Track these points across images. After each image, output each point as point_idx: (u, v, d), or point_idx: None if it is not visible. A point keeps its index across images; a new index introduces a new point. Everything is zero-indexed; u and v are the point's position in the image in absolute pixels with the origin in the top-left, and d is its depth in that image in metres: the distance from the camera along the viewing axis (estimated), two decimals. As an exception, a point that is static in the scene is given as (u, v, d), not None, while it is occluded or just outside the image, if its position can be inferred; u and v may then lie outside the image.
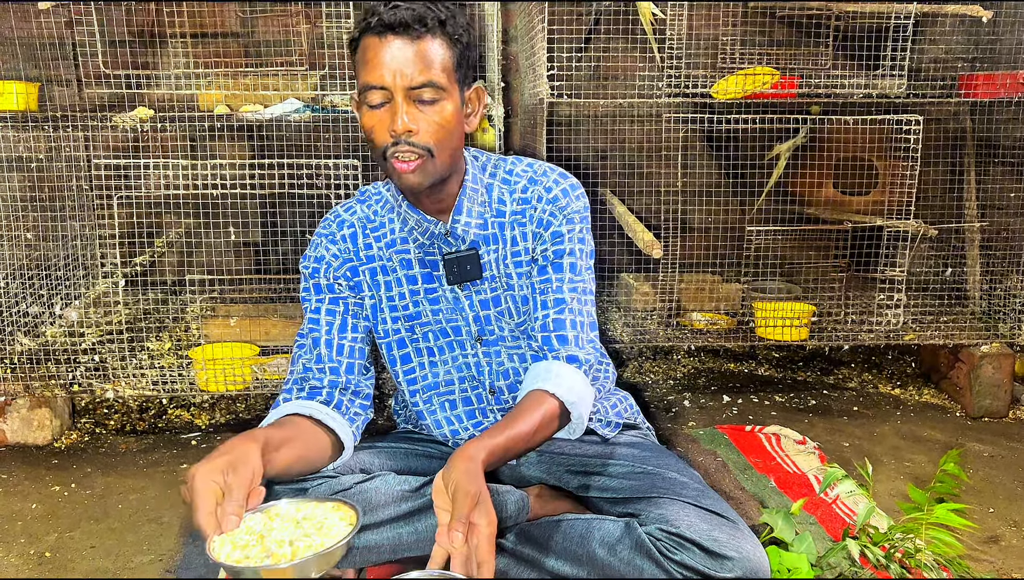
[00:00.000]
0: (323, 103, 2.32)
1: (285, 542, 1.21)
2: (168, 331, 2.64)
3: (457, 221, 1.54)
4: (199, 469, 1.22)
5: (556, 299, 1.54)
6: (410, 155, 1.40)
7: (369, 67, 1.39)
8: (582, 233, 1.58)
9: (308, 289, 1.61)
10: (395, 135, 1.39)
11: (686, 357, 3.04)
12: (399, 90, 1.38)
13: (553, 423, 1.45)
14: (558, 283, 1.55)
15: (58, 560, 1.76)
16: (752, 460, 2.18)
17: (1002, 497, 2.05)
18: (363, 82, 1.40)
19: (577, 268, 1.57)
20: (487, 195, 1.57)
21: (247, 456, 1.27)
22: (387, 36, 1.38)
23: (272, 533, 1.23)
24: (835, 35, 2.84)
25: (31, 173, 2.53)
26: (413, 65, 1.38)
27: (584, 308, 1.57)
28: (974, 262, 2.76)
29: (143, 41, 2.82)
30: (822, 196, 2.88)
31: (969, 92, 2.61)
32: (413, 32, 1.38)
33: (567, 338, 1.53)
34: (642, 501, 1.50)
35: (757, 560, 1.37)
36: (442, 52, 1.40)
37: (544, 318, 1.54)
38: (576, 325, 1.54)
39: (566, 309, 1.54)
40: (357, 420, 1.57)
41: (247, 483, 1.23)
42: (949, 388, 2.70)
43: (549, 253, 1.56)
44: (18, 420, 2.30)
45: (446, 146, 1.43)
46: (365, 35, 1.40)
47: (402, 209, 1.55)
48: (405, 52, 1.38)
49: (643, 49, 2.85)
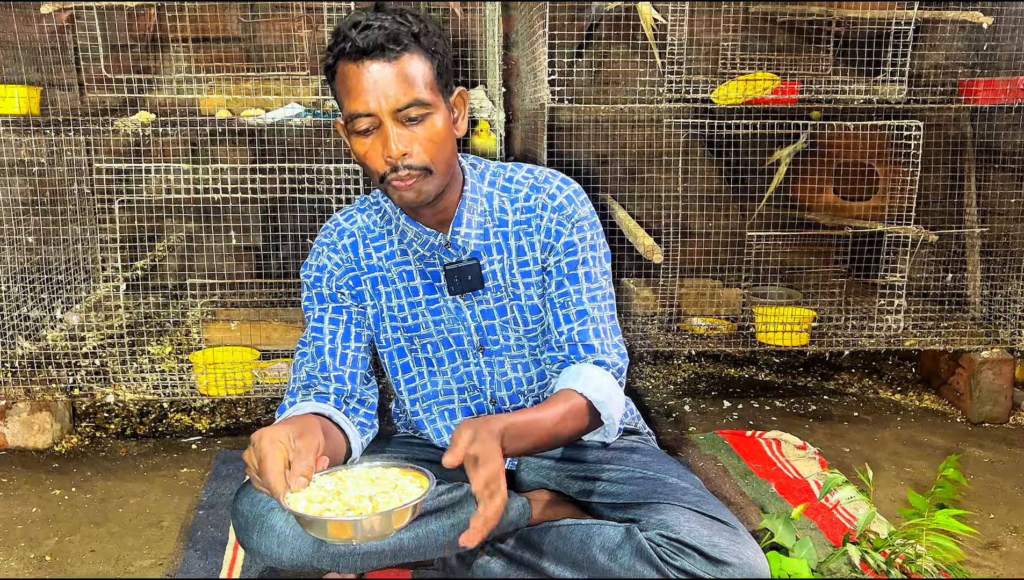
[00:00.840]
0: (324, 107, 2.32)
1: (365, 497, 1.20)
2: (169, 335, 2.64)
3: (457, 232, 1.53)
4: (265, 432, 1.22)
5: (578, 312, 1.53)
6: (409, 178, 1.39)
7: (352, 96, 1.37)
8: (593, 239, 1.56)
9: (311, 298, 1.60)
10: (391, 161, 1.37)
11: (686, 362, 3.04)
12: (386, 114, 1.36)
13: (579, 420, 1.43)
14: (576, 295, 1.54)
15: (58, 564, 1.76)
16: (752, 465, 2.18)
17: (1002, 503, 2.05)
18: (349, 111, 1.38)
19: (592, 276, 1.55)
20: (487, 204, 1.56)
21: (312, 426, 1.29)
22: (364, 61, 1.35)
23: (348, 491, 1.22)
24: (836, 41, 2.84)
25: (33, 177, 2.53)
26: (396, 87, 1.35)
27: (605, 314, 1.56)
28: (974, 268, 2.76)
29: (145, 45, 2.83)
30: (822, 201, 2.88)
31: (969, 98, 2.62)
32: (390, 53, 1.35)
33: (593, 347, 1.52)
34: (643, 507, 1.49)
35: (758, 566, 1.36)
36: (422, 67, 1.38)
37: (568, 332, 1.53)
38: (600, 333, 1.53)
39: (588, 319, 1.53)
40: (367, 432, 1.57)
41: (314, 448, 1.24)
42: (949, 394, 2.70)
43: (563, 265, 1.54)
44: (19, 424, 2.30)
45: (441, 160, 1.42)
46: (340, 61, 1.38)
47: (400, 222, 1.54)
48: (385, 75, 1.35)
49: (644, 54, 2.86)
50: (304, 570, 1.47)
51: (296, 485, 1.18)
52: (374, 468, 1.30)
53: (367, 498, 1.20)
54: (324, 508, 1.18)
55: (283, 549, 1.41)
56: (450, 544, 1.48)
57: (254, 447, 1.21)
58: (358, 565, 1.47)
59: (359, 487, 1.24)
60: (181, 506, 1.99)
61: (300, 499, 1.18)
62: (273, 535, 1.41)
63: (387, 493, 1.22)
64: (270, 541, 1.41)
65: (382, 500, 1.20)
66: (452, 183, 1.50)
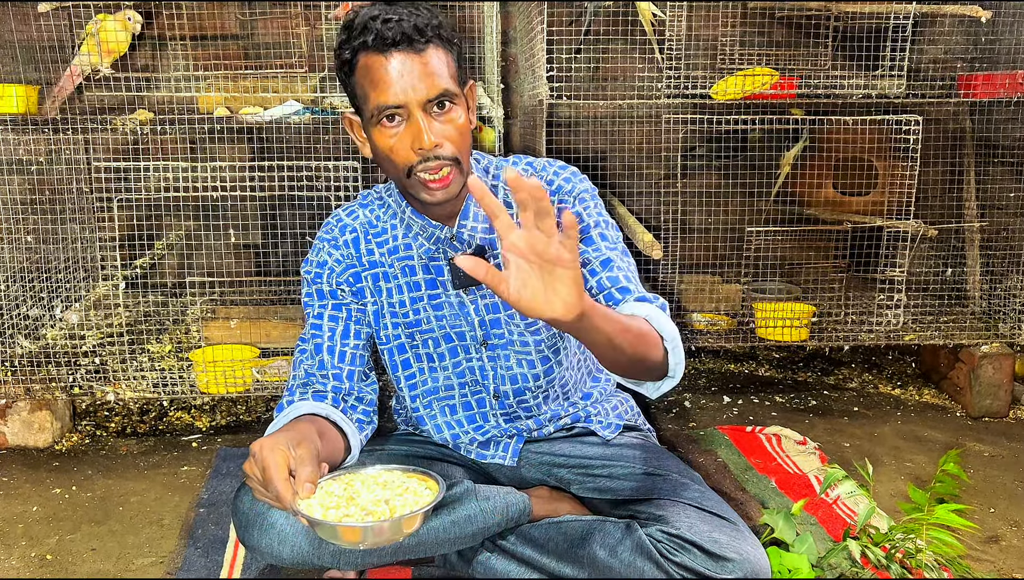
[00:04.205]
0: (323, 105, 2.32)
1: (381, 501, 1.20)
2: (168, 333, 2.64)
3: (464, 225, 1.53)
4: (264, 442, 1.21)
5: (603, 261, 1.48)
6: (443, 170, 1.38)
7: (380, 88, 1.36)
8: (598, 208, 1.55)
9: (311, 294, 1.59)
10: (422, 152, 1.37)
11: (686, 358, 3.04)
12: (416, 106, 1.35)
13: (647, 337, 1.30)
14: (596, 252, 1.50)
15: (59, 563, 1.76)
16: (753, 461, 2.18)
17: (1003, 497, 2.05)
18: (377, 104, 1.37)
19: (608, 237, 1.52)
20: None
21: (308, 434, 1.29)
22: (391, 52, 1.35)
23: (361, 495, 1.22)
24: (834, 35, 2.84)
25: (31, 176, 2.53)
26: (425, 78, 1.35)
27: (631, 266, 1.51)
28: (974, 262, 2.76)
29: (143, 44, 2.82)
30: (822, 197, 2.88)
31: (968, 92, 2.61)
32: (417, 44, 1.35)
33: (628, 289, 1.46)
34: (643, 503, 1.50)
35: (758, 562, 1.37)
36: (445, 59, 1.39)
37: (598, 282, 1.47)
38: (630, 278, 1.48)
39: (615, 266, 1.48)
40: (366, 429, 1.57)
41: (315, 455, 1.23)
42: (949, 388, 2.70)
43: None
44: (19, 423, 2.30)
45: (466, 152, 1.43)
46: (363, 53, 1.37)
47: (406, 215, 1.54)
48: (413, 66, 1.35)
49: (643, 50, 2.85)
50: (305, 567, 1.47)
51: (304, 492, 1.18)
52: (380, 472, 1.31)
53: (383, 502, 1.21)
54: (343, 514, 1.17)
55: (284, 547, 1.41)
56: (451, 541, 1.48)
57: (255, 458, 1.21)
58: (359, 563, 1.47)
59: (372, 491, 1.24)
60: (182, 504, 1.99)
61: (314, 505, 1.18)
62: (274, 533, 1.41)
63: (402, 496, 1.22)
64: (271, 539, 1.41)
65: (399, 503, 1.20)
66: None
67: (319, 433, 1.37)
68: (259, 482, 1.20)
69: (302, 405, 1.50)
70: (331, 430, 1.45)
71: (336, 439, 1.45)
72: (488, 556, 1.51)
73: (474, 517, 1.47)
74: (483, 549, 1.52)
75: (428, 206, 1.48)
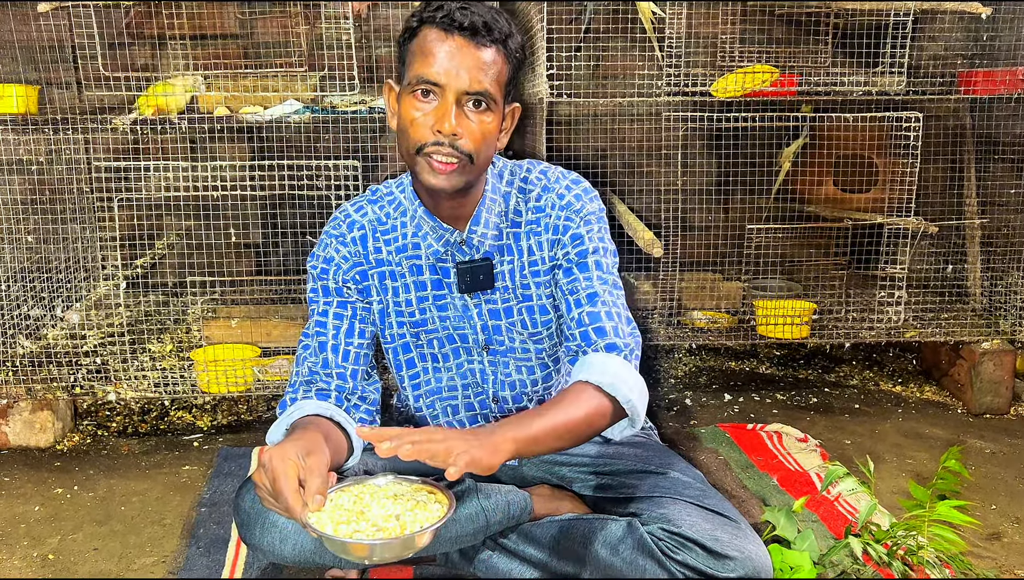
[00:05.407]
0: (323, 104, 2.32)
1: (392, 516, 1.20)
2: (169, 333, 2.64)
3: (474, 231, 1.52)
4: (274, 452, 1.20)
5: (589, 295, 1.51)
6: (451, 157, 1.38)
7: (428, 60, 1.36)
8: (601, 233, 1.56)
9: (316, 290, 1.58)
10: (439, 135, 1.36)
11: (687, 356, 3.04)
12: (453, 91, 1.36)
13: (593, 408, 1.38)
14: (587, 281, 1.52)
15: (61, 562, 1.76)
16: (754, 458, 2.18)
17: (1004, 494, 2.05)
18: (416, 73, 1.37)
19: (603, 265, 1.54)
20: (504, 204, 1.55)
21: (318, 443, 1.28)
22: (453, 34, 1.35)
23: (371, 509, 1.22)
24: (834, 33, 2.84)
25: (31, 176, 2.53)
26: (474, 71, 1.35)
27: (617, 301, 1.53)
28: (975, 259, 2.76)
29: (142, 43, 2.82)
30: (822, 194, 2.88)
31: (968, 89, 2.61)
32: (480, 38, 1.35)
33: (605, 330, 1.48)
34: (644, 501, 1.50)
35: (759, 560, 1.37)
36: (500, 65, 1.38)
37: (579, 314, 1.50)
38: (612, 316, 1.50)
39: (599, 301, 1.50)
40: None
41: (325, 466, 1.23)
42: (950, 385, 2.70)
43: (572, 255, 1.53)
44: (20, 423, 2.30)
45: (484, 156, 1.42)
46: (427, 25, 1.37)
47: (417, 214, 1.53)
48: (467, 55, 1.35)
49: (642, 48, 2.85)
50: (307, 566, 1.47)
51: (315, 504, 1.17)
52: (390, 484, 1.31)
53: (394, 517, 1.20)
54: (353, 530, 1.17)
55: (285, 545, 1.42)
56: (452, 540, 1.48)
57: (264, 468, 1.20)
58: (361, 562, 1.47)
59: (383, 506, 1.23)
60: (183, 504, 2.00)
61: (324, 519, 1.18)
62: (275, 531, 1.41)
63: (412, 511, 1.22)
64: (272, 537, 1.41)
65: (409, 519, 1.20)
66: (477, 182, 1.49)
67: (325, 434, 1.36)
68: (269, 492, 1.20)
69: (306, 404, 1.49)
70: (335, 431, 1.45)
71: (340, 440, 1.45)
72: (490, 554, 1.51)
73: (476, 515, 1.47)
74: (484, 547, 1.52)
75: (432, 194, 1.47)
